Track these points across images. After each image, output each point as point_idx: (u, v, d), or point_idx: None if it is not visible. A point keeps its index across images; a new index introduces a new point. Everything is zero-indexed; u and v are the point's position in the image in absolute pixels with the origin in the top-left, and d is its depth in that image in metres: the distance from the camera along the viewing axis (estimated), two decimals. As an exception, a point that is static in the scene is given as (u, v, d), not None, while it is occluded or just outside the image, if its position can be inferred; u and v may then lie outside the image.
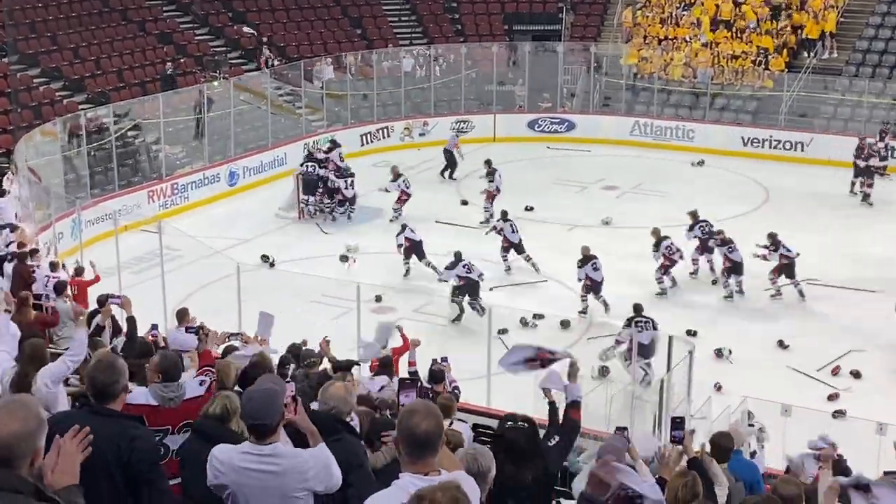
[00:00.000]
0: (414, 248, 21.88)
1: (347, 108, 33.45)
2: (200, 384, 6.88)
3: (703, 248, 21.91)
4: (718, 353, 17.90)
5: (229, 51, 35.01)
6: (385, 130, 33.32)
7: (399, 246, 21.89)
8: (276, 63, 33.90)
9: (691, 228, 22.08)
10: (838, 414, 15.60)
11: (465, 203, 27.09)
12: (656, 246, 21.07)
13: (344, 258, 22.39)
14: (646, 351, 16.03)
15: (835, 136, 30.89)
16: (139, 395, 6.43)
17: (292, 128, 31.95)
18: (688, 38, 35.30)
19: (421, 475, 4.26)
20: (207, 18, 35.96)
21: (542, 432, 6.63)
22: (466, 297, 19.25)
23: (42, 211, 22.66)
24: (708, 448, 8.04)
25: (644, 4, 37.18)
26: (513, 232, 22.22)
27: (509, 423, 6.37)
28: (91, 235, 22.71)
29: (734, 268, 20.82)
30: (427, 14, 39.15)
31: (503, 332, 17.35)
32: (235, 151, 29.39)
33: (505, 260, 22.31)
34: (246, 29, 35.54)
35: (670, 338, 14.29)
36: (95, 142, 26.32)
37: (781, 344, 18.38)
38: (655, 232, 21.42)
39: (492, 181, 25.79)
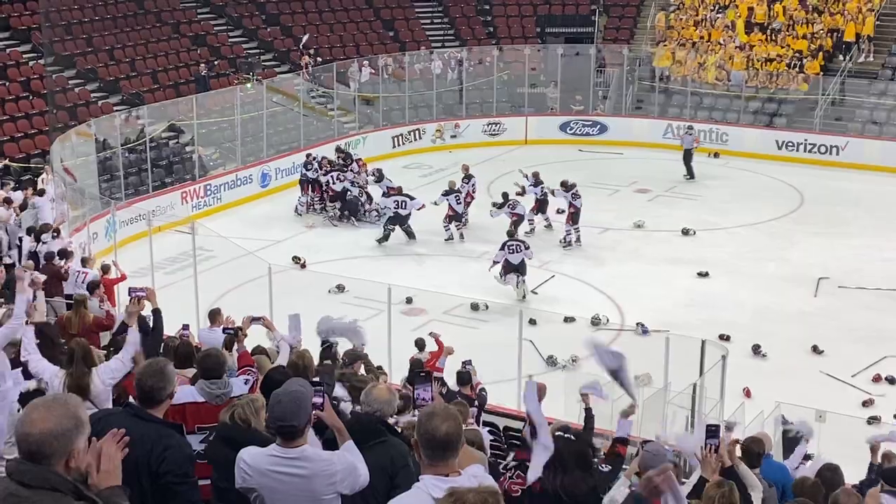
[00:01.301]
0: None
1: (379, 110, 33.50)
2: (245, 383, 6.92)
3: (539, 209, 24.64)
4: (756, 348, 17.87)
5: (262, 53, 35.15)
6: (417, 132, 33.34)
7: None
8: (312, 66, 33.96)
9: (535, 185, 24.80)
10: (873, 420, 15.43)
11: (496, 205, 26.94)
12: (500, 206, 24.08)
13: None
14: (520, 268, 20.30)
15: (870, 140, 30.63)
16: (186, 392, 6.45)
17: (324, 129, 32.02)
18: (722, 41, 35.10)
19: (442, 476, 4.25)
20: (241, 21, 36.12)
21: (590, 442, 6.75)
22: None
23: (77, 211, 22.80)
24: (739, 453, 8.01)
25: (678, 7, 37.01)
26: (458, 203, 24.44)
27: (558, 433, 6.45)
28: (125, 236, 22.84)
29: (575, 214, 23.54)
30: (459, 16, 39.15)
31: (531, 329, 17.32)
32: (268, 153, 29.49)
33: (446, 229, 24.24)
34: (306, 48, 35.40)
35: (703, 342, 14.17)
36: (130, 143, 26.53)
37: (816, 349, 18.21)
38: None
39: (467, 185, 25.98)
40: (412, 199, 24.17)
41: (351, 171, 26.44)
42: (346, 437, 5.12)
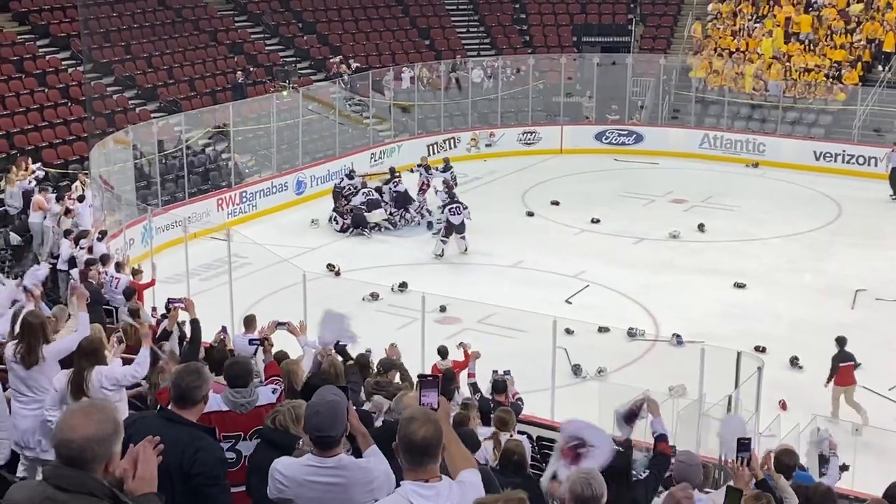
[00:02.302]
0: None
1: (415, 118, 33.55)
2: (273, 392, 6.93)
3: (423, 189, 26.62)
4: (793, 360, 17.77)
5: (299, 61, 35.32)
6: (452, 141, 33.34)
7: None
8: (349, 75, 34.04)
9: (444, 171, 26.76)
10: (910, 434, 15.25)
11: (530, 214, 26.92)
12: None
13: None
14: (460, 228, 23.50)
15: (909, 151, 30.30)
16: (211, 402, 6.48)
17: (359, 137, 32.10)
18: (759, 51, 34.88)
19: (422, 482, 4.24)
20: (278, 29, 36.32)
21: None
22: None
23: (113, 217, 22.97)
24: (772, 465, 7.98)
25: (715, 17, 36.84)
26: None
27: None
28: (161, 242, 22.98)
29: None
30: (495, 25, 39.18)
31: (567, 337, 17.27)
32: (303, 160, 29.60)
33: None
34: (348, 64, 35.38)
35: (739, 354, 14.07)
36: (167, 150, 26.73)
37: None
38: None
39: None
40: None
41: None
42: (369, 442, 5.11)
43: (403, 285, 20.55)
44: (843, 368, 16.14)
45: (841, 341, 16.48)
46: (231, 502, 5.28)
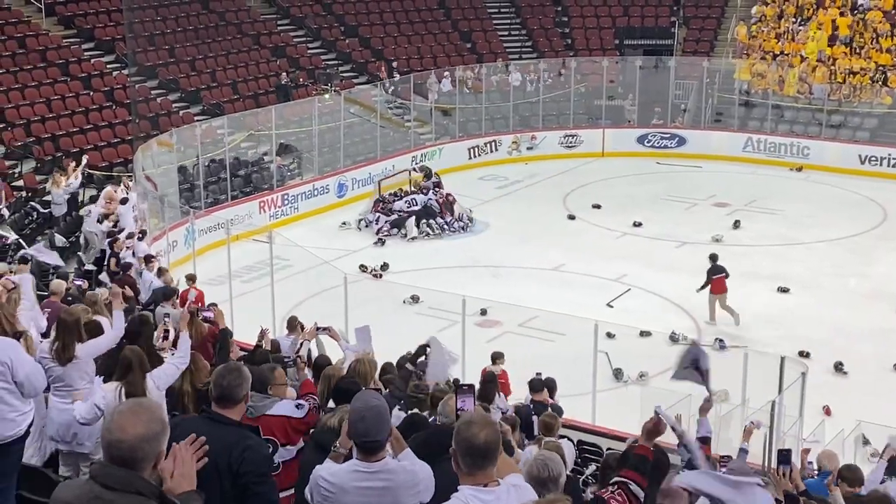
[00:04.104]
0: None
1: (456, 121, 33.56)
2: (297, 407, 6.87)
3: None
4: (838, 366, 17.60)
5: (340, 64, 35.44)
6: (493, 144, 33.32)
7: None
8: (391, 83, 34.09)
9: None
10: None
11: (571, 217, 26.84)
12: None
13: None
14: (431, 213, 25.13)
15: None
16: None
17: (401, 140, 32.16)
18: (803, 54, 34.58)
19: (480, 487, 4.21)
20: (320, 32, 36.47)
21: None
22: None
23: (156, 219, 23.16)
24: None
25: (759, 19, 36.55)
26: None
27: (636, 442, 6.33)
28: (203, 244, 23.14)
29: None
30: (537, 28, 39.11)
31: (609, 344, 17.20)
32: (344, 163, 29.69)
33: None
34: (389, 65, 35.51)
35: (782, 359, 13.93)
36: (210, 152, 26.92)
37: (897, 367, 17.84)
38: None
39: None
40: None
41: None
42: (403, 446, 5.09)
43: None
44: (715, 280, 19.83)
45: (713, 257, 20.30)
46: (278, 499, 5.29)
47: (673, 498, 5.18)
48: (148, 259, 17.68)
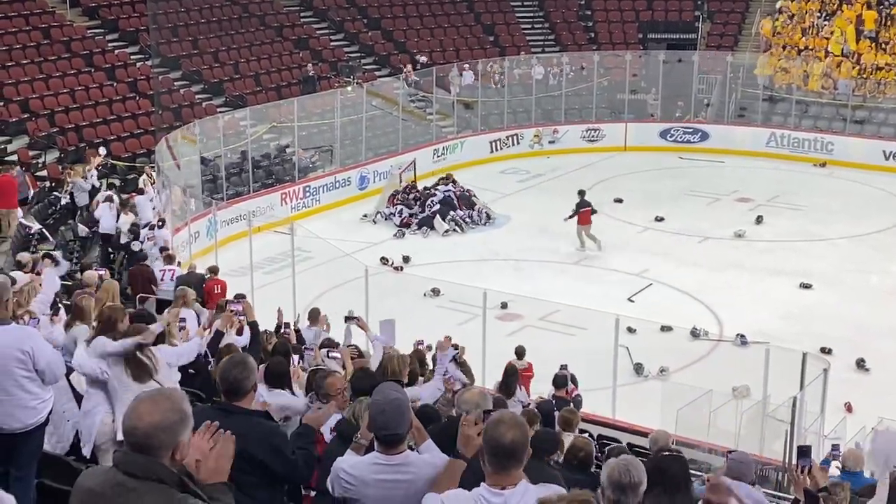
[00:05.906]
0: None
1: (478, 114, 33.53)
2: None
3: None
4: (860, 362, 17.50)
5: (363, 56, 35.45)
6: (515, 137, 33.26)
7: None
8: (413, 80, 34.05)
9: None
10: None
11: (595, 212, 26.72)
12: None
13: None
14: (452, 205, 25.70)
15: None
16: None
17: (422, 133, 32.16)
18: (828, 49, 34.35)
19: (498, 488, 4.21)
20: (343, 25, 36.49)
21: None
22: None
23: (179, 210, 23.22)
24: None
25: (784, 13, 36.32)
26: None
27: (665, 452, 6.31)
28: (225, 235, 23.21)
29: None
30: (560, 21, 39.00)
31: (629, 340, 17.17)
32: (366, 156, 29.71)
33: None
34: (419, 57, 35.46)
35: (804, 355, 13.88)
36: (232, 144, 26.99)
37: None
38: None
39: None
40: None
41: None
42: (424, 437, 5.09)
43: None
44: (582, 212, 23.46)
45: (581, 193, 23.90)
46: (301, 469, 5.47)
47: (720, 494, 5.18)
48: (162, 250, 17.81)
